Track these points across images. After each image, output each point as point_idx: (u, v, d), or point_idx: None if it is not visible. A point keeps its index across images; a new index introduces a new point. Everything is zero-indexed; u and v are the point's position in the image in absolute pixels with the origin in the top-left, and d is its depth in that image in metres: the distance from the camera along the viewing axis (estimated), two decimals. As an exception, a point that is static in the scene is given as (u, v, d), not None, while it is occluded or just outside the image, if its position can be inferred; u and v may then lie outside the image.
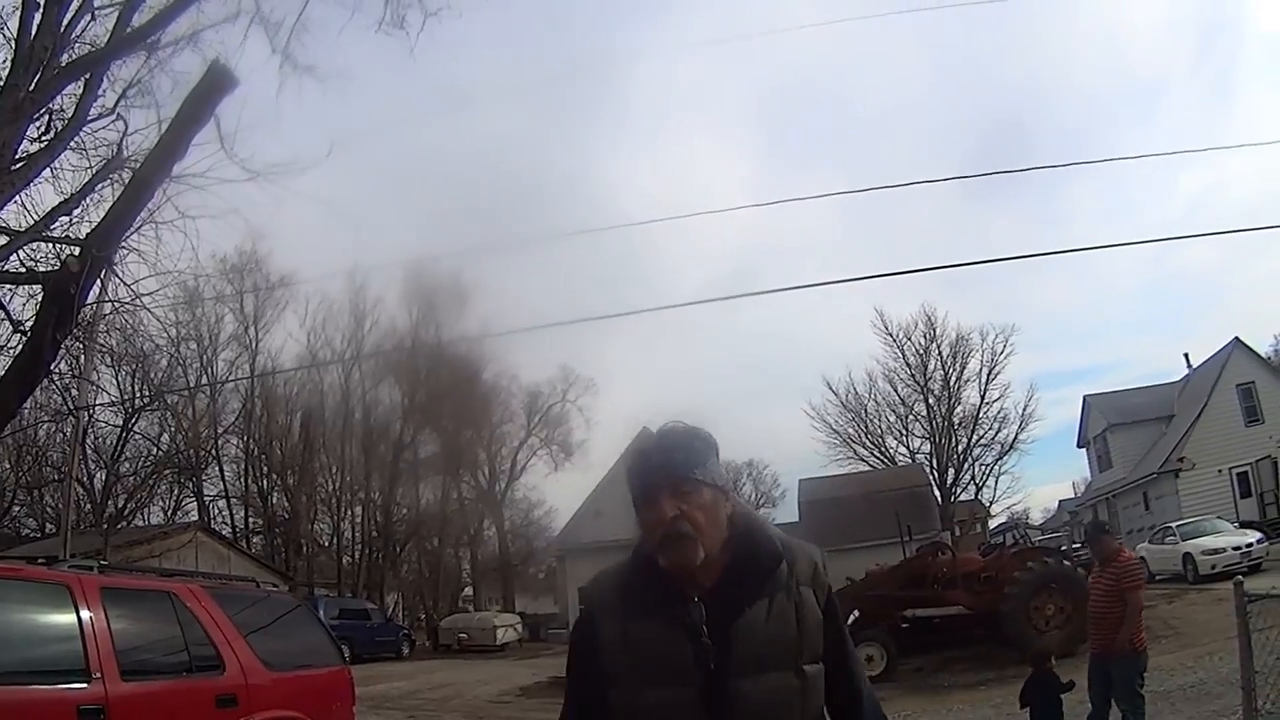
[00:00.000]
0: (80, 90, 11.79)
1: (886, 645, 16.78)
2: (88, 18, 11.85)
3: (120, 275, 12.30)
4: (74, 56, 11.68)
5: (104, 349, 15.98)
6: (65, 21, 11.43)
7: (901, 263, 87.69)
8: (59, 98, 11.66)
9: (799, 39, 79.91)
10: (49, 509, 36.53)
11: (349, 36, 19.23)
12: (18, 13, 11.11)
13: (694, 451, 2.22)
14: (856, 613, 17.71)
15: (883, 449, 53.92)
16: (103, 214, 10.74)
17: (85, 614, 5.87)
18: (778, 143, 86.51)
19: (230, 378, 45.58)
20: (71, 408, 20.33)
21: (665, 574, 2.17)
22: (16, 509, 37.46)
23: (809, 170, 74.27)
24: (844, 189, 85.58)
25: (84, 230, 11.21)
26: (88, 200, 12.07)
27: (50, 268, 10.90)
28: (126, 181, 10.97)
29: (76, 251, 9.98)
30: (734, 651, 2.10)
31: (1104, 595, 8.20)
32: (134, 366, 30.83)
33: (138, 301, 12.95)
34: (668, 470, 2.19)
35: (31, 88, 10.90)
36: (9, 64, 10.96)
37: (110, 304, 13.10)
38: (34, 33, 10.91)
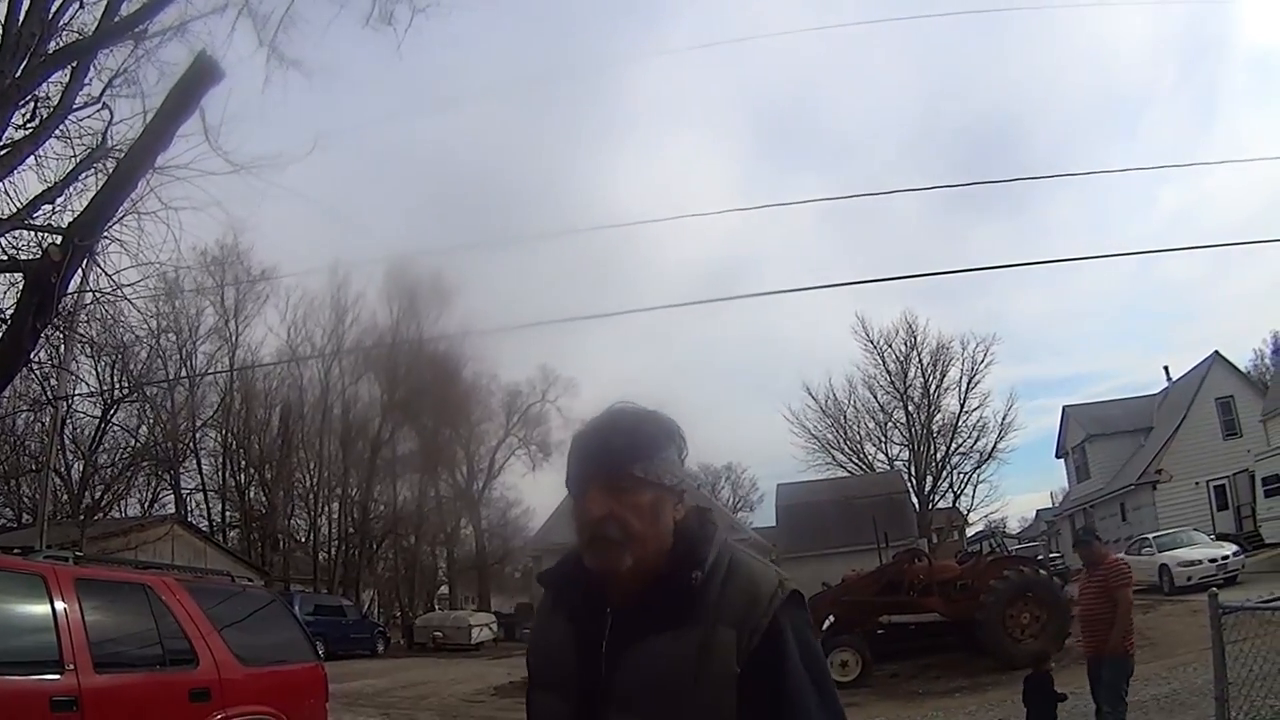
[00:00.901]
0: (66, 78, 11.70)
1: (861, 651, 16.80)
2: (76, 5, 11.77)
3: (102, 265, 12.23)
4: (61, 44, 11.59)
5: (84, 339, 15.84)
6: (53, 8, 11.35)
7: (883, 270, 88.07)
8: (45, 85, 11.58)
9: (786, 46, 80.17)
10: (26, 499, 36.14)
11: (336, 31, 19.23)
12: (5, -1, 11.05)
13: (640, 442, 1.88)
14: (831, 618, 17.80)
15: (861, 455, 54.29)
16: (86, 203, 10.67)
17: (60, 605, 5.85)
18: (763, 148, 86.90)
19: (210, 371, 45.33)
20: (50, 397, 20.28)
21: (592, 576, 1.91)
22: (-8, 498, 37.17)
23: (794, 176, 74.64)
24: (828, 195, 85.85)
25: (67, 219, 11.13)
26: (71, 189, 11.99)
27: (32, 256, 10.82)
28: (110, 171, 10.91)
29: (59, 240, 9.91)
30: (617, 680, 1.82)
31: (1094, 597, 8.37)
32: (113, 357, 30.50)
33: (119, 292, 12.87)
34: (602, 462, 1.86)
35: (17, 74, 10.82)
36: (-5, 50, 10.89)
37: (91, 294, 13.03)
38: (21, 19, 10.83)
